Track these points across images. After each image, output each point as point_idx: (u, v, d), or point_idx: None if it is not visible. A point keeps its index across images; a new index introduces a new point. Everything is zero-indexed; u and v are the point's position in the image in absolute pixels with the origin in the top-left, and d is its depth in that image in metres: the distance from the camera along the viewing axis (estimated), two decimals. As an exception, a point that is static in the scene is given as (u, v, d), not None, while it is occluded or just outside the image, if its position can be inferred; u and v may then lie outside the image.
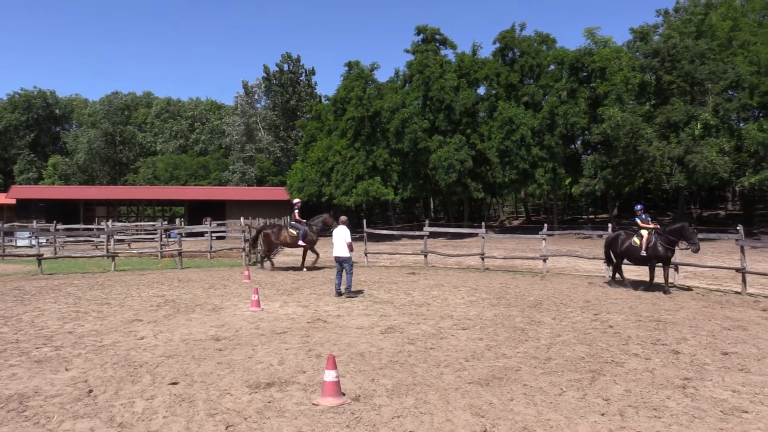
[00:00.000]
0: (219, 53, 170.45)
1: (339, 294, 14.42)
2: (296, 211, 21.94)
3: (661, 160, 35.70)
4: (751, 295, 14.55)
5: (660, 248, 14.81)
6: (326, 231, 21.12)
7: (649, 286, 15.29)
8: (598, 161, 38.46)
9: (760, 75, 35.10)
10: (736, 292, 14.91)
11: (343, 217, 15.38)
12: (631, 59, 39.53)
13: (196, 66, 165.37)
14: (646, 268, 15.86)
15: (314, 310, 12.52)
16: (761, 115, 38.53)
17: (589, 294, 14.82)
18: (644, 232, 15.26)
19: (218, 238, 36.33)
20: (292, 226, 21.29)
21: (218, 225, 36.03)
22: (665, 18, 47.76)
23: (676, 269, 16.26)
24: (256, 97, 66.13)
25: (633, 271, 17.81)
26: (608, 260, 16.76)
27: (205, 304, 13.26)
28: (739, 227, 15.69)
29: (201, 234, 30.76)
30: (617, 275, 16.40)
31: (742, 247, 15.27)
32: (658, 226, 15.75)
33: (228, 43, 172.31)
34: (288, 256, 25.91)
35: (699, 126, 35.63)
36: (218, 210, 48.94)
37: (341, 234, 14.67)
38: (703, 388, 6.97)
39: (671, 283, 15.68)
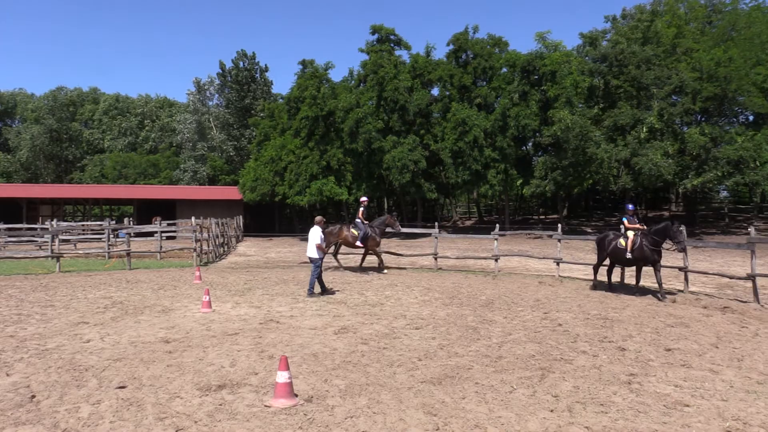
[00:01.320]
0: (170, 50, 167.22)
1: (311, 294, 14.36)
2: (361, 209, 21.09)
3: (608, 162, 36.70)
4: (692, 293, 15.08)
5: (646, 250, 14.42)
6: (389, 231, 21.32)
7: (636, 288, 14.91)
8: (549, 163, 39.25)
9: (702, 81, 36.40)
10: (679, 290, 15.42)
11: (318, 218, 15.25)
12: (580, 63, 40.47)
13: (146, 63, 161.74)
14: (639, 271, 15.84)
15: (267, 310, 12.40)
16: (703, 119, 40.02)
17: (540, 293, 15.10)
18: (630, 234, 14.95)
19: (168, 238, 35.58)
20: (355, 226, 20.55)
21: (168, 225, 35.29)
22: (613, 24, 49.16)
23: (623, 269, 16.60)
24: (208, 94, 64.95)
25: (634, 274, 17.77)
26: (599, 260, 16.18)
27: (154, 306, 12.98)
28: (682, 228, 16.15)
29: (150, 234, 30.08)
30: (596, 277, 16.08)
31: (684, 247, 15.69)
32: (645, 227, 15.34)
33: (180, 40, 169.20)
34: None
35: (644, 129, 36.85)
36: (169, 209, 47.84)
37: (313, 235, 14.65)
38: (647, 384, 7.19)
39: (617, 282, 16.08)
